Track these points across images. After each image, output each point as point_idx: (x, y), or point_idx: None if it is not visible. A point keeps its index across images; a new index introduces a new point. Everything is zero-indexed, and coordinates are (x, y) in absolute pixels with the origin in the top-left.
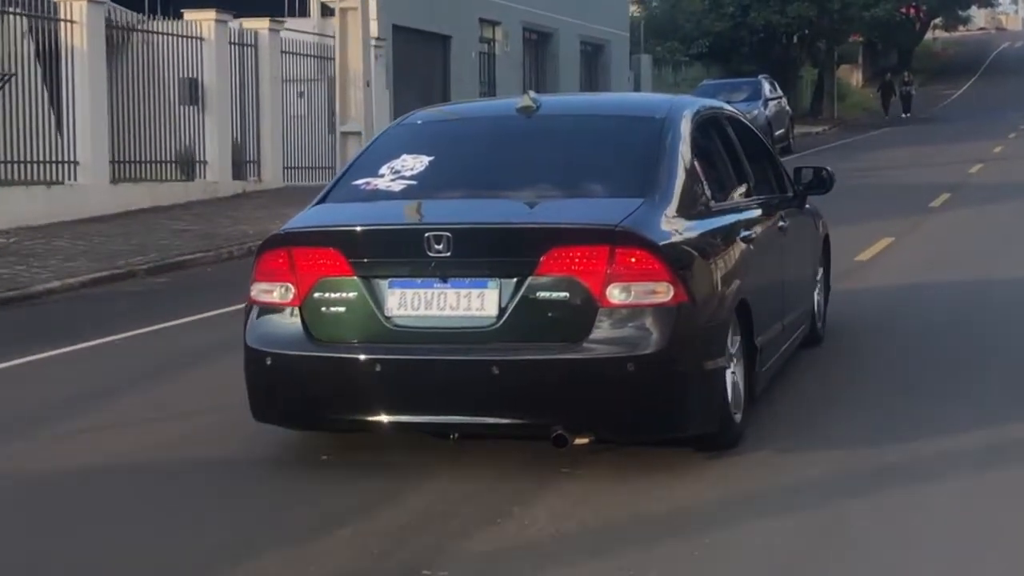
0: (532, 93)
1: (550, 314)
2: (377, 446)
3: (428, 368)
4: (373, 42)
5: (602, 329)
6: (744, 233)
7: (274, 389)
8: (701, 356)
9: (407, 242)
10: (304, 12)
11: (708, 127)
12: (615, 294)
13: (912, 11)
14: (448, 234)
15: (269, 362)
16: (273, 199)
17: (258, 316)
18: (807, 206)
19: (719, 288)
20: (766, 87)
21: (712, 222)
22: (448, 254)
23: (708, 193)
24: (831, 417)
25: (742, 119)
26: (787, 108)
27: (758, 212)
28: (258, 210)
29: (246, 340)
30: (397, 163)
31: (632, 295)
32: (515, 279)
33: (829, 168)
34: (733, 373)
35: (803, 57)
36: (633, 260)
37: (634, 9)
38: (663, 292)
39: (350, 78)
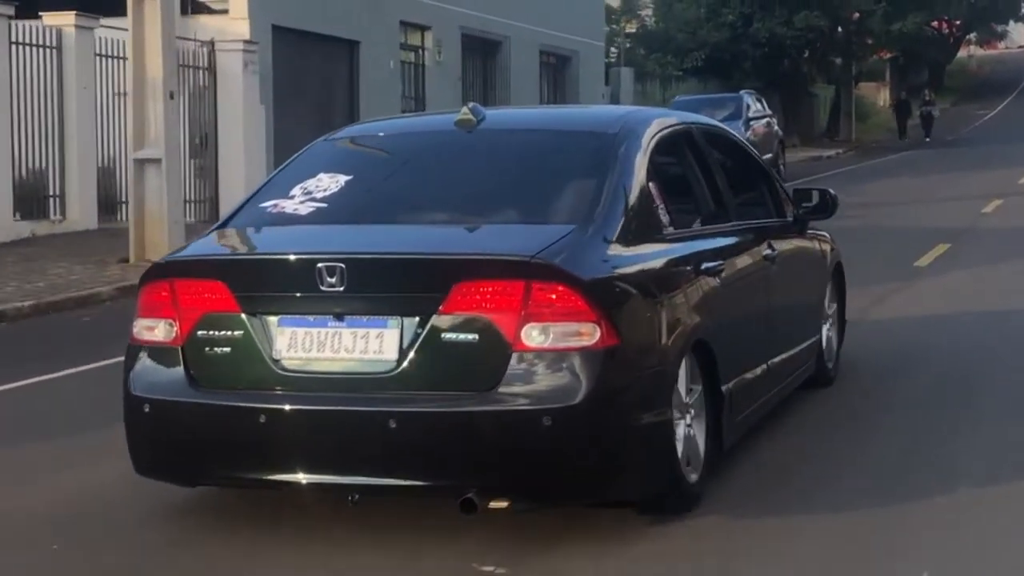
0: (472, 104)
1: (457, 359)
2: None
3: (318, 420)
4: (242, 46)
5: (516, 377)
6: (708, 265)
7: (153, 440)
8: (637, 408)
9: (297, 274)
10: None
11: (677, 143)
12: (532, 336)
13: (944, 26)
14: (342, 265)
15: (147, 409)
16: (60, 247)
17: (138, 357)
18: (823, 233)
19: (663, 328)
20: (749, 104)
21: (665, 252)
22: (342, 288)
23: (665, 219)
24: (819, 475)
25: (728, 135)
26: (777, 130)
27: (733, 239)
28: (12, 267)
29: (125, 384)
30: (311, 183)
31: (551, 338)
32: (418, 318)
33: (832, 191)
34: (688, 426)
35: (814, 73)
36: (553, 297)
37: (626, 22)
38: (588, 334)
39: (147, 89)
